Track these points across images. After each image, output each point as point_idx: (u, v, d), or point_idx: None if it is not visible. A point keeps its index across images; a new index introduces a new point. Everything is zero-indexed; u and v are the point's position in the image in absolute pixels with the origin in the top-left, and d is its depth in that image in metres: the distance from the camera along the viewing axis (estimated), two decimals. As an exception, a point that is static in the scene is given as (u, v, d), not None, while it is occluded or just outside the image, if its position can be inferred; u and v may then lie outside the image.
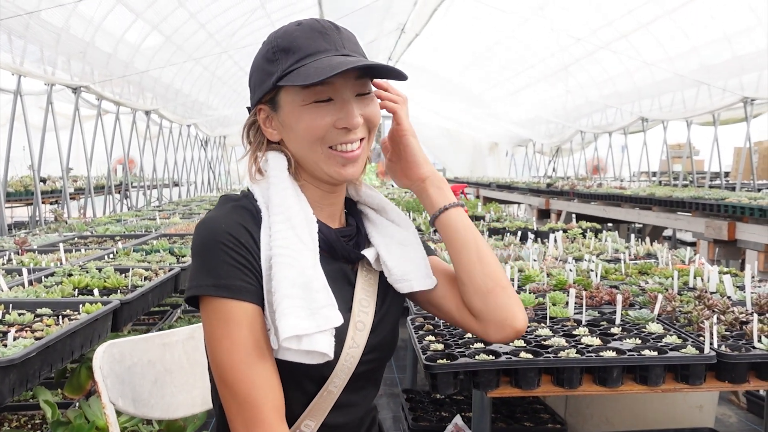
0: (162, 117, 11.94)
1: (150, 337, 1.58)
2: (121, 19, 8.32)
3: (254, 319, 1.08)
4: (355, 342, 1.17)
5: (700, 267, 2.62)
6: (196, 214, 6.66)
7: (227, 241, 1.09)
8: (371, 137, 1.21)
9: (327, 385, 1.15)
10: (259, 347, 1.08)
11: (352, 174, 1.17)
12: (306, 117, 1.13)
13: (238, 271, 1.08)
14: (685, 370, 1.60)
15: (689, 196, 5.97)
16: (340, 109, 1.13)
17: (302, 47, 1.13)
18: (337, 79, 1.12)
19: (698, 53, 10.02)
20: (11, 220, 10.62)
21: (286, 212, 1.12)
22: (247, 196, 1.19)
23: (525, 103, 17.13)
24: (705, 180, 11.18)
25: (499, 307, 1.22)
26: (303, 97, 1.13)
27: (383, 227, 1.28)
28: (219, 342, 1.07)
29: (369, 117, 1.17)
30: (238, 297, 1.08)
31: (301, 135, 1.15)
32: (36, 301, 2.24)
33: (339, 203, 1.26)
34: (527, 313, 2.02)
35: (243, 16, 9.98)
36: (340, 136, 1.14)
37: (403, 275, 1.24)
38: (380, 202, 1.31)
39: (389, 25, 12.38)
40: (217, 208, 1.18)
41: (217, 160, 18.15)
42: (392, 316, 1.28)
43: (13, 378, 1.60)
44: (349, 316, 1.18)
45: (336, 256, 1.21)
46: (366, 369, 1.20)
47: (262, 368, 1.07)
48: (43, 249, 3.72)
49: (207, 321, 1.10)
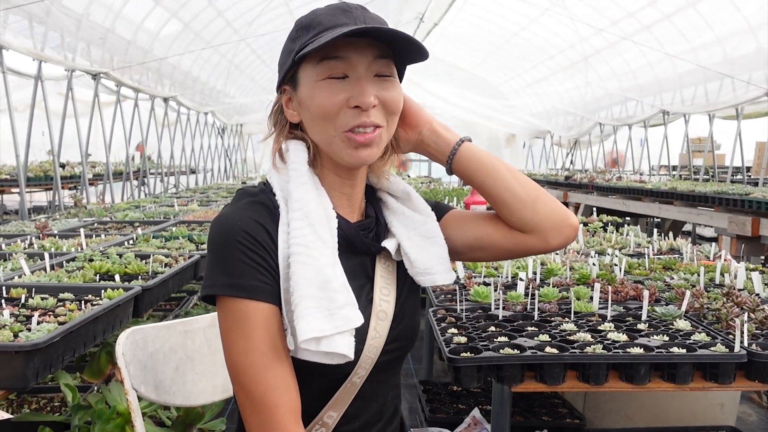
0: (180, 104, 11.98)
1: (172, 324, 1.57)
2: (141, 6, 8.35)
3: (270, 320, 1.06)
4: (377, 332, 1.15)
5: (726, 263, 2.57)
6: (214, 201, 6.68)
7: (243, 240, 1.06)
8: (391, 124, 1.14)
9: (350, 378, 1.13)
10: (275, 348, 1.05)
11: (366, 157, 1.11)
12: (318, 93, 1.09)
13: (254, 271, 1.05)
14: (714, 368, 1.57)
15: (712, 190, 5.88)
16: (354, 87, 1.08)
17: (322, 22, 1.09)
18: (353, 55, 1.07)
19: (722, 45, 9.84)
20: (30, 205, 10.74)
21: (305, 208, 1.08)
22: (264, 191, 1.15)
23: (543, 94, 16.97)
24: (726, 175, 11.02)
25: (551, 211, 1.20)
26: (318, 72, 1.09)
27: (405, 217, 1.24)
28: (234, 342, 1.05)
29: (386, 101, 1.11)
30: (254, 297, 1.05)
31: (314, 112, 1.10)
32: (58, 286, 2.25)
33: (359, 192, 1.22)
34: (551, 306, 2.01)
35: (262, 4, 9.96)
36: (353, 118, 1.08)
37: (426, 269, 1.21)
38: (405, 189, 1.27)
39: (408, 14, 12.29)
40: (233, 203, 1.14)
41: (234, 148, 18.21)
42: (412, 303, 1.26)
43: (37, 362, 1.60)
44: (371, 308, 1.16)
45: (356, 250, 1.18)
46: (388, 359, 1.19)
47: (278, 370, 1.05)
48: (63, 234, 3.74)
49: (223, 320, 1.07)
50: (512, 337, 1.72)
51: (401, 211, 1.25)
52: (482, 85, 18.12)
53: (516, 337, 1.71)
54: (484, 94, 18.28)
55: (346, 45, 1.07)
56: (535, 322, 1.87)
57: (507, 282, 2.36)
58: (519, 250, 1.25)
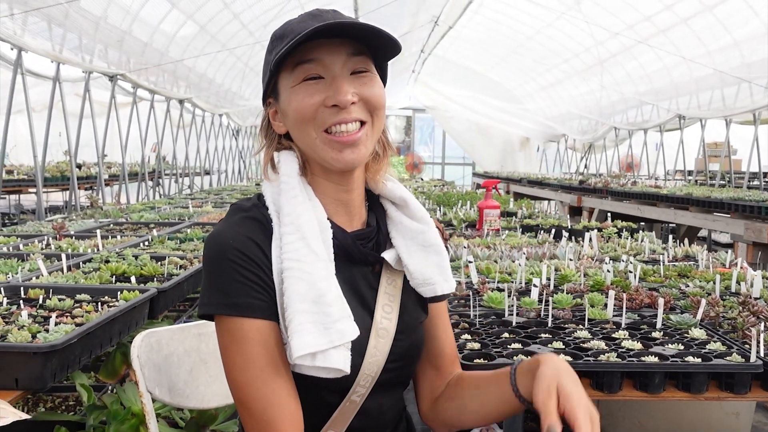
0: (195, 106, 12.07)
1: (186, 327, 1.59)
2: (158, 8, 8.42)
3: (268, 336, 1.05)
4: (377, 350, 1.12)
5: (743, 271, 2.55)
6: (228, 202, 6.72)
7: (236, 258, 1.05)
8: (376, 121, 1.12)
9: (349, 396, 1.12)
10: (274, 363, 1.05)
11: (352, 160, 1.09)
12: (295, 97, 1.08)
13: (248, 288, 1.05)
14: (729, 378, 1.55)
15: (728, 196, 5.83)
16: (330, 86, 1.07)
17: (294, 29, 1.07)
18: (325, 56, 1.07)
19: (739, 49, 9.75)
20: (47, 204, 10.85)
21: (297, 221, 1.07)
22: (257, 205, 1.13)
23: (558, 98, 16.89)
24: (743, 180, 10.91)
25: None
26: (294, 78, 1.08)
27: (404, 226, 1.21)
28: (233, 360, 1.05)
29: (366, 97, 1.08)
30: (250, 315, 1.04)
31: (293, 117, 1.09)
32: (75, 287, 2.28)
33: (356, 198, 1.18)
34: (564, 313, 2.00)
35: (277, 7, 10.00)
36: (332, 116, 1.07)
37: (425, 279, 1.18)
38: (402, 195, 1.22)
39: (423, 17, 12.31)
40: (226, 219, 1.13)
41: (248, 149, 18.29)
42: (417, 319, 1.23)
43: (55, 363, 1.62)
44: (370, 323, 1.14)
45: (354, 260, 1.15)
46: (391, 376, 1.16)
47: (277, 385, 1.05)
48: (80, 234, 3.78)
49: (220, 338, 1.07)
50: (526, 343, 1.71)
51: (399, 220, 1.21)
52: (496, 89, 18.07)
53: (529, 343, 1.71)
54: (498, 97, 18.23)
55: (319, 47, 1.07)
56: (548, 329, 1.86)
57: (521, 288, 2.36)
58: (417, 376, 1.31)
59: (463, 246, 3.10)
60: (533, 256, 2.99)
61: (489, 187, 4.20)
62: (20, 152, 10.46)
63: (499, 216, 4.06)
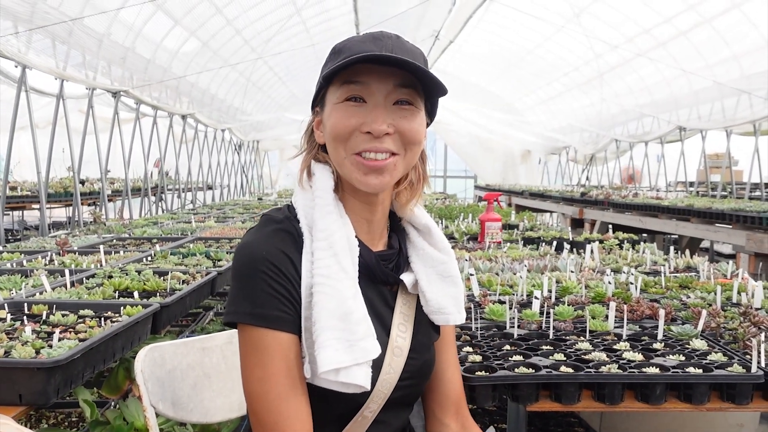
0: (198, 121, 12.13)
1: (189, 342, 1.59)
2: (161, 25, 8.49)
3: (289, 350, 1.07)
4: (392, 368, 1.15)
5: (743, 282, 2.55)
6: (230, 217, 6.73)
7: (268, 270, 1.07)
8: (409, 154, 1.13)
9: (362, 411, 1.14)
10: (291, 378, 1.07)
11: (374, 185, 1.11)
12: (335, 114, 1.11)
13: (276, 301, 1.07)
14: (731, 389, 1.56)
15: (730, 207, 5.83)
16: (369, 113, 1.09)
17: (352, 48, 1.10)
18: (373, 81, 1.09)
19: (739, 61, 9.80)
20: (50, 220, 10.88)
21: (330, 238, 1.09)
22: (288, 218, 1.15)
23: (558, 111, 16.96)
24: (744, 191, 10.92)
25: None
26: (339, 95, 1.11)
27: (425, 252, 1.24)
28: (251, 370, 1.07)
29: (402, 130, 1.10)
30: (275, 327, 1.06)
31: (329, 133, 1.12)
32: (79, 303, 2.29)
33: (380, 219, 1.21)
34: (565, 325, 2.00)
35: (279, 23, 10.09)
36: (364, 143, 1.09)
37: (440, 308, 1.22)
38: (426, 223, 1.25)
39: (424, 32, 12.39)
40: (257, 229, 1.15)
41: (251, 164, 18.35)
42: (429, 340, 1.26)
43: (58, 379, 1.63)
44: (387, 341, 1.16)
45: (375, 279, 1.18)
46: (402, 394, 1.19)
47: (292, 400, 1.06)
48: (83, 250, 3.80)
49: (242, 347, 1.09)
50: (527, 355, 1.72)
51: (421, 246, 1.25)
52: (497, 102, 18.15)
53: (531, 355, 1.71)
54: (499, 110, 18.31)
55: (369, 71, 1.09)
56: (550, 341, 1.87)
57: (522, 300, 2.36)
58: (426, 397, 1.34)
59: (464, 259, 3.11)
60: (534, 269, 2.99)
61: (491, 199, 4.22)
62: (24, 168, 10.51)
63: (501, 229, 4.07)
